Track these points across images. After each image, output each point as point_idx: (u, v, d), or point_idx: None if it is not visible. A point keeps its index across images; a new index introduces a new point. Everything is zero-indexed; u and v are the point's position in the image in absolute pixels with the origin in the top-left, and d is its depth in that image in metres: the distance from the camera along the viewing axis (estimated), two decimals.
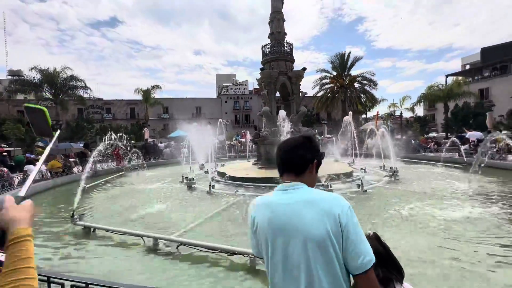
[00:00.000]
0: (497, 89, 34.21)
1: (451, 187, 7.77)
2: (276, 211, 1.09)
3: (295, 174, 1.15)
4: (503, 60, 35.69)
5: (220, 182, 9.43)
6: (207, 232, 4.69)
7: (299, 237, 1.01)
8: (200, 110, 51.39)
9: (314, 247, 0.98)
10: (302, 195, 1.09)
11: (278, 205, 1.10)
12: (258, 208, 1.17)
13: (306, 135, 1.27)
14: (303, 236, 1.00)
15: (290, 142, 1.22)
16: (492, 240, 4.00)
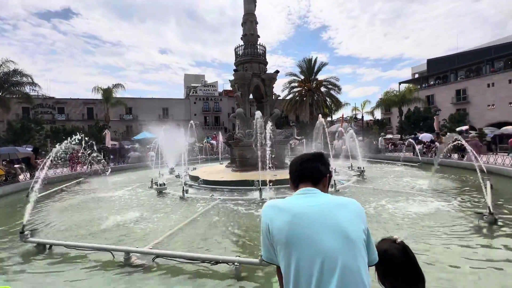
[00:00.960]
0: (440, 96, 38.89)
1: (412, 184, 8.53)
2: (299, 214, 1.12)
3: (312, 183, 1.26)
4: (445, 70, 40.76)
5: (193, 187, 9.06)
6: (185, 241, 4.41)
7: (338, 234, 1.05)
8: (167, 111, 49.20)
9: (353, 243, 1.04)
10: (326, 198, 1.18)
11: (301, 207, 1.14)
12: (274, 211, 1.18)
13: (318, 152, 1.40)
14: (342, 234, 1.05)
15: (307, 156, 1.35)
16: (447, 230, 4.42)
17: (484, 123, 30.80)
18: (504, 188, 7.42)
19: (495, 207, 5.40)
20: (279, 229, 1.11)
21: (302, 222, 1.09)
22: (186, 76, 67.01)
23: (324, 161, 1.33)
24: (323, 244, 1.03)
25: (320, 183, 1.27)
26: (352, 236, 1.05)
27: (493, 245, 3.88)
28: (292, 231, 1.08)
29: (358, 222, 1.10)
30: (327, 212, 1.11)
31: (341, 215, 1.09)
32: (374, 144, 18.48)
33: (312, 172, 1.27)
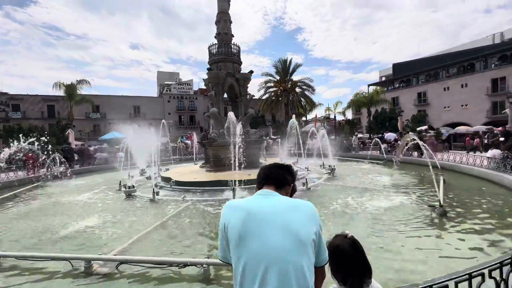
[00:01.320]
0: (404, 98, 41.91)
1: (376, 180, 9.09)
2: (253, 213, 1.14)
3: (276, 187, 1.30)
4: (408, 74, 44.02)
5: (165, 188, 8.76)
6: (153, 246, 4.25)
7: (287, 234, 1.07)
8: (138, 109, 46.98)
9: (301, 244, 1.07)
10: (283, 199, 1.22)
11: (257, 206, 1.18)
12: (231, 210, 1.20)
13: (287, 164, 1.48)
14: (291, 234, 1.08)
15: (276, 164, 1.44)
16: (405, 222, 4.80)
17: (441, 123, 33.80)
18: (456, 183, 8.20)
19: (448, 200, 5.98)
20: (233, 226, 1.14)
21: (254, 221, 1.12)
22: (159, 73, 64.49)
23: (291, 171, 1.40)
24: (271, 243, 1.06)
25: (283, 189, 1.32)
26: (301, 236, 1.08)
27: (441, 235, 4.28)
28: (244, 228, 1.11)
29: (309, 223, 1.13)
30: (280, 213, 1.14)
31: (293, 216, 1.13)
32: (345, 143, 19.36)
33: (277, 176, 1.33)
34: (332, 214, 5.49)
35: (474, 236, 4.14)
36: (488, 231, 4.31)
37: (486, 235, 4.16)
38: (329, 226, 4.76)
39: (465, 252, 3.63)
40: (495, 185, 7.51)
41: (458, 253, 3.61)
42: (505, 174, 7.39)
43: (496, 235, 4.13)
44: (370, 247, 3.85)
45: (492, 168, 8.24)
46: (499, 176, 7.53)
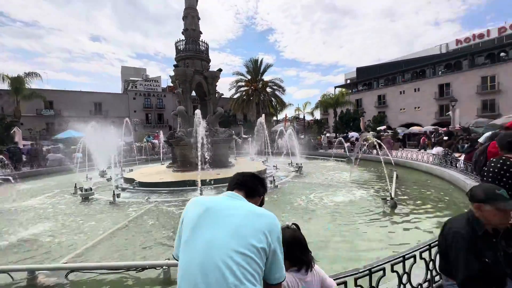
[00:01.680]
0: (366, 100, 45.00)
1: (339, 176, 9.65)
2: (213, 209, 1.15)
3: (246, 194, 1.31)
4: (370, 78, 47.33)
5: (128, 190, 8.29)
6: (111, 251, 3.99)
7: (237, 238, 1.05)
8: (100, 106, 43.65)
9: (248, 250, 1.03)
10: (248, 206, 1.21)
11: (219, 205, 1.18)
12: (193, 204, 1.22)
13: (262, 177, 1.49)
14: (242, 239, 1.05)
15: (253, 173, 1.45)
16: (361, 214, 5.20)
17: (397, 124, 36.95)
18: (407, 177, 9.03)
19: (399, 193, 6.57)
20: (189, 219, 1.15)
21: (209, 217, 1.12)
22: (124, 68, 60.64)
23: (264, 184, 1.43)
24: (217, 241, 1.04)
25: (253, 198, 1.33)
26: (249, 242, 1.03)
27: (391, 225, 4.72)
28: (198, 221, 1.11)
29: (262, 235, 1.06)
30: (238, 216, 1.12)
31: (249, 222, 1.09)
32: (313, 142, 20.17)
33: (251, 185, 1.36)
34: (296, 210, 5.71)
35: (419, 224, 4.63)
36: (430, 219, 4.85)
37: (429, 222, 4.68)
38: (293, 220, 4.94)
39: (411, 238, 4.04)
40: (438, 178, 8.46)
41: (406, 239, 4.01)
42: (445, 168, 8.37)
43: (437, 222, 4.65)
44: (330, 239, 4.10)
45: (435, 163, 9.26)
46: (441, 171, 8.51)
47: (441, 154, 9.04)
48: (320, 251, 3.59)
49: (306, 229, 4.50)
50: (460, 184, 6.75)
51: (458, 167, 7.72)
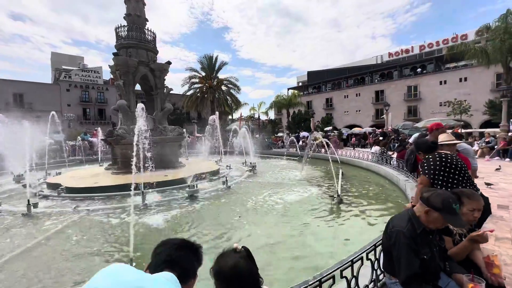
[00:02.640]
0: (315, 102, 48.17)
1: (291, 175, 9.89)
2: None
3: (178, 276, 0.93)
4: (319, 82, 50.82)
5: (51, 198, 6.95)
6: (13, 280, 3.13)
7: None
8: (21, 98, 36.72)
9: None
10: None
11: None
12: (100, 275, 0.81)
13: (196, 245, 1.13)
14: None
15: (185, 242, 1.09)
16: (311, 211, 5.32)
17: (342, 125, 40.52)
18: (350, 174, 9.76)
19: (344, 189, 6.97)
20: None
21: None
22: (54, 55, 52.10)
23: (200, 257, 1.10)
24: None
25: (187, 284, 1.00)
26: None
27: (338, 219, 4.92)
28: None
29: None
30: None
31: None
32: (266, 141, 20.51)
33: (186, 265, 1.02)
34: (248, 211, 5.53)
35: (362, 218, 4.92)
36: (373, 212, 5.22)
37: (371, 216, 5.02)
38: (245, 225, 4.74)
39: (356, 232, 4.24)
40: (376, 174, 9.38)
41: (352, 234, 4.18)
42: (381, 165, 9.33)
43: (379, 215, 5.02)
44: (280, 240, 4.01)
45: (373, 161, 10.26)
46: (378, 167, 9.45)
47: (378, 152, 10.04)
48: (272, 254, 3.45)
49: (259, 230, 4.36)
50: (393, 179, 7.54)
51: (391, 164, 8.65)
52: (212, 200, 6.50)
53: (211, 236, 4.22)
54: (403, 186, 6.33)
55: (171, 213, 5.46)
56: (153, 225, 4.77)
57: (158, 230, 4.58)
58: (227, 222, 4.86)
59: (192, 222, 4.95)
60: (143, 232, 4.47)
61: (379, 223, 4.61)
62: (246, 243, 1.23)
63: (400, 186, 6.78)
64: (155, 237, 4.19)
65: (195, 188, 6.65)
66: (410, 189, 5.57)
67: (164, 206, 6.02)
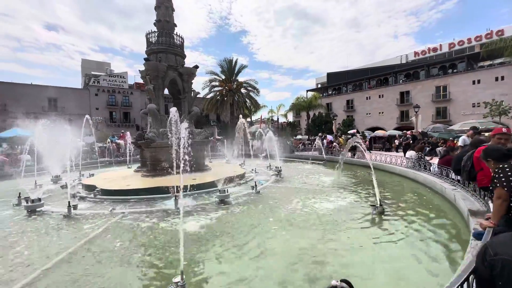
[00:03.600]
0: (336, 104, 46.99)
1: (320, 180, 9.53)
2: None
3: None
4: (339, 83, 49.56)
5: (88, 199, 7.18)
6: (63, 284, 3.16)
7: None
8: (55, 102, 39.28)
9: None
10: None
11: None
12: None
13: None
14: None
15: None
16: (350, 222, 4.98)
17: (364, 127, 39.14)
18: (384, 180, 9.21)
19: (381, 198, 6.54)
20: None
21: None
22: (84, 61, 55.45)
23: None
24: None
25: None
26: None
27: (383, 232, 4.56)
28: None
29: None
30: None
31: None
32: (288, 144, 20.19)
33: None
34: (285, 220, 5.30)
35: (412, 231, 4.50)
36: (420, 224, 4.80)
37: (420, 228, 4.61)
38: (284, 235, 4.52)
39: (406, 249, 3.87)
40: (413, 182, 8.77)
41: (401, 250, 3.82)
42: (419, 172, 8.71)
43: (431, 229, 4.58)
44: (326, 255, 3.75)
45: (409, 167, 9.64)
46: (415, 174, 8.84)
47: (414, 157, 9.41)
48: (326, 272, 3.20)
49: (302, 242, 3.98)
50: (437, 187, 6.97)
51: (431, 171, 8.04)
52: (244, 206, 6.36)
53: (252, 246, 4.06)
54: (451, 196, 5.80)
55: (206, 219, 5.38)
56: (188, 232, 4.70)
57: (194, 237, 4.50)
58: (263, 231, 4.69)
59: (229, 230, 4.82)
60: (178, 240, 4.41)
61: (437, 238, 4.19)
62: (291, 257, 1.05)
63: (446, 195, 6.23)
64: (193, 246, 4.10)
65: (226, 193, 6.55)
66: (462, 200, 5.08)
67: (197, 211, 5.97)
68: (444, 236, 4.27)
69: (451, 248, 3.83)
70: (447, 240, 4.11)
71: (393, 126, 37.92)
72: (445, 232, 4.45)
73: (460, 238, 4.11)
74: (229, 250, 3.94)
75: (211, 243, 4.21)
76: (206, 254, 3.82)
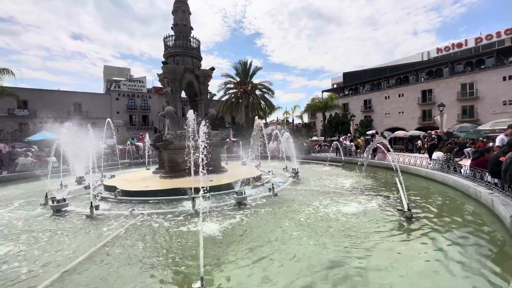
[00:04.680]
0: (353, 104, 45.75)
1: (339, 183, 9.18)
2: None
3: None
4: (356, 83, 48.24)
5: (109, 200, 7.36)
6: (87, 283, 3.18)
7: None
8: (80, 107, 41.34)
9: None
10: None
11: None
12: None
13: None
14: None
15: None
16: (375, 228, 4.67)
17: (383, 128, 37.75)
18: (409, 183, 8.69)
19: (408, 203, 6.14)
20: None
21: None
22: (106, 68, 58.04)
23: None
24: None
25: None
26: None
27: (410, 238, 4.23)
28: None
29: None
30: None
31: None
32: (305, 145, 19.82)
33: None
34: (305, 224, 5.09)
35: (444, 240, 4.14)
36: (453, 232, 4.42)
37: (453, 236, 4.23)
38: (304, 240, 4.32)
39: (446, 260, 3.54)
40: (440, 184, 8.21)
41: (440, 262, 3.50)
42: (448, 174, 8.13)
43: (463, 237, 4.21)
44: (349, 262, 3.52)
45: (436, 169, 9.04)
46: (443, 176, 8.26)
47: (442, 159, 8.82)
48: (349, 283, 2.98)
49: (323, 250, 3.74)
50: (469, 191, 6.44)
51: (462, 173, 7.47)
52: (262, 208, 6.20)
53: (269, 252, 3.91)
54: (488, 200, 5.31)
55: (224, 222, 5.29)
56: (207, 235, 4.62)
57: (213, 240, 4.41)
58: (283, 236, 4.51)
59: (246, 233, 4.69)
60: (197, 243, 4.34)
61: (470, 247, 3.83)
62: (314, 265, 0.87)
63: (481, 200, 5.73)
64: (211, 250, 4.01)
65: (243, 195, 6.44)
66: (502, 205, 4.62)
67: (214, 213, 5.90)
68: (484, 245, 3.88)
69: (494, 259, 3.46)
70: (488, 250, 3.72)
71: (415, 126, 36.26)
72: (485, 240, 4.05)
73: (503, 250, 3.71)
74: (250, 252, 3.81)
75: (230, 246, 4.10)
76: (225, 260, 3.71)
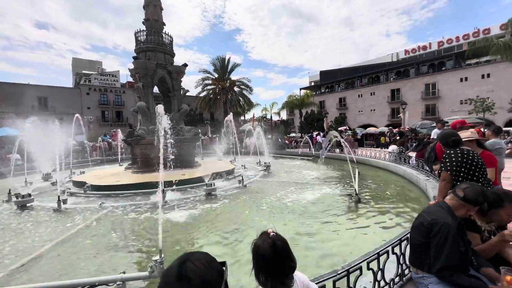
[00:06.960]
0: (328, 102, 47.52)
1: (306, 174, 9.86)
2: None
3: None
4: (332, 81, 50.09)
5: (78, 195, 7.34)
6: (51, 268, 3.38)
7: None
8: (45, 102, 38.71)
9: None
10: None
11: None
12: None
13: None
14: None
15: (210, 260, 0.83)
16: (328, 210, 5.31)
17: (356, 125, 39.72)
18: (369, 174, 9.58)
19: (360, 189, 6.89)
20: None
21: None
22: (75, 60, 54.65)
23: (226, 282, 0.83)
24: None
25: None
26: None
27: (356, 218, 4.89)
28: None
29: None
30: None
31: None
32: (280, 141, 20.50)
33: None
34: (266, 209, 5.60)
35: (382, 217, 4.85)
36: (391, 211, 5.14)
37: (390, 214, 4.95)
38: (263, 222, 4.81)
39: (377, 231, 4.20)
40: (394, 174, 9.17)
41: (372, 232, 4.15)
42: (399, 165, 9.11)
43: (397, 214, 4.94)
44: (300, 238, 4.05)
45: (391, 160, 10.03)
46: (395, 167, 9.23)
47: (396, 151, 9.80)
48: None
49: (278, 228, 4.38)
50: (413, 179, 7.35)
51: (410, 163, 8.43)
52: (229, 198, 6.63)
53: (229, 234, 4.33)
54: (424, 185, 6.17)
55: (191, 210, 5.64)
56: (175, 221, 4.95)
57: (180, 225, 4.75)
58: (245, 220, 4.96)
59: (211, 219, 5.09)
60: (165, 227, 4.66)
61: (400, 222, 4.54)
62: None
63: (420, 186, 6.61)
64: (178, 232, 4.36)
65: (213, 186, 6.80)
66: (431, 189, 5.44)
67: (184, 203, 6.21)
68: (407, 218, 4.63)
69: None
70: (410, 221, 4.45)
71: (385, 123, 38.60)
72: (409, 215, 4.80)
73: None
74: (212, 234, 4.22)
75: (195, 229, 4.48)
76: (189, 238, 4.08)
